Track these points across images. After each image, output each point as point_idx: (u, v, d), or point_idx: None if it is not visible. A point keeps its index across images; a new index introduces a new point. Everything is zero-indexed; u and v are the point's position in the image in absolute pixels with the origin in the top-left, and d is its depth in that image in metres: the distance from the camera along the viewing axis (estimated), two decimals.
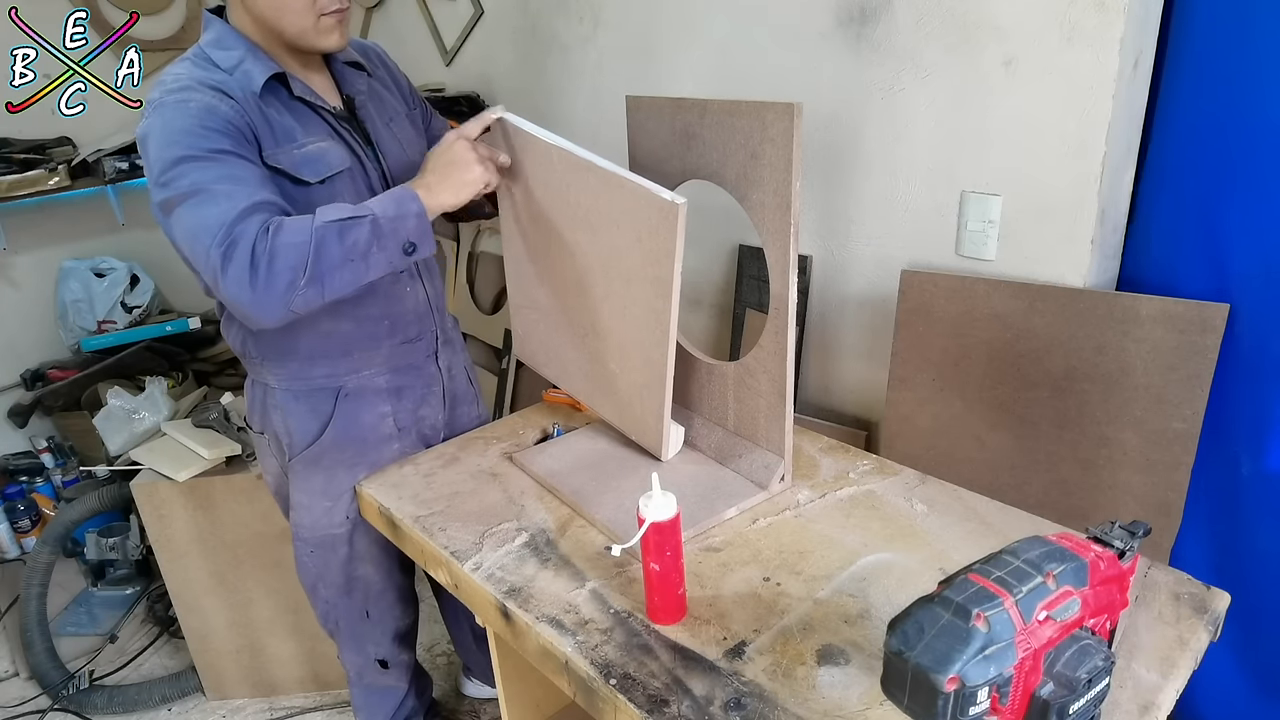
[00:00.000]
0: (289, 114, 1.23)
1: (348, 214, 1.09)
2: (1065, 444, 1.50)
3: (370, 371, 1.38)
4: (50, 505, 2.78)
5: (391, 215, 1.10)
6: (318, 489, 1.41)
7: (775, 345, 1.17)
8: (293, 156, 1.21)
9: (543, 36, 2.33)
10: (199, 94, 1.14)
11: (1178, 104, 1.40)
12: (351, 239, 1.09)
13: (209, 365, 3.00)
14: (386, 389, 1.40)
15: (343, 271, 1.10)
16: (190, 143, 1.10)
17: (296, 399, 1.36)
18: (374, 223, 1.09)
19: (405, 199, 1.12)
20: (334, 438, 1.37)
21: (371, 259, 1.10)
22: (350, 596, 1.53)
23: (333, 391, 1.36)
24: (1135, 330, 1.39)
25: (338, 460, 1.39)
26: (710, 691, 0.89)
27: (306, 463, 1.39)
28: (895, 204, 1.68)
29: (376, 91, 1.37)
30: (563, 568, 1.12)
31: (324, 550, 1.46)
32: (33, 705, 2.14)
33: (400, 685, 1.70)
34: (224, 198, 1.08)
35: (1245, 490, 1.44)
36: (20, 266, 2.80)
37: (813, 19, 1.70)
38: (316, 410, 1.37)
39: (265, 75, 1.19)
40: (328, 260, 1.08)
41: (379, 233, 1.10)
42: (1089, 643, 0.70)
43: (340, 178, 1.26)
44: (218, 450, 1.89)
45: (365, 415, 1.39)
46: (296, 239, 1.07)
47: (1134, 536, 0.77)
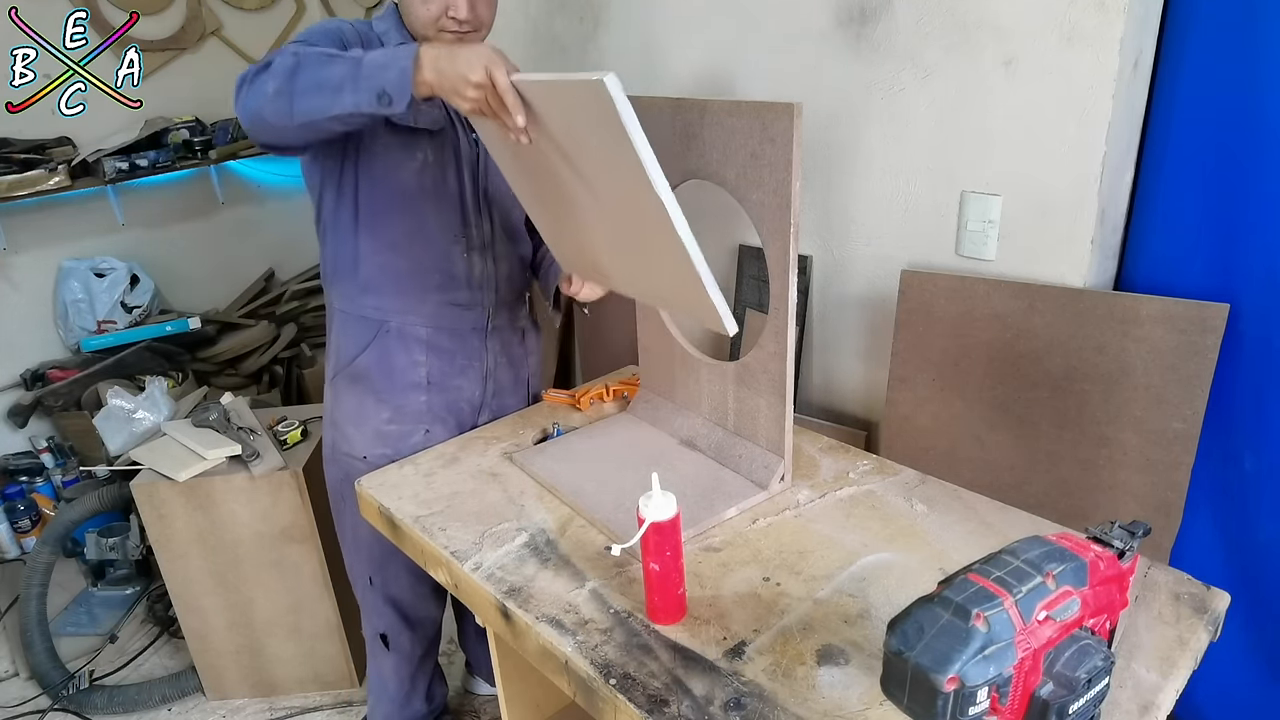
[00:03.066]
0: None
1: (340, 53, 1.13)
2: (1065, 444, 1.50)
3: (414, 318, 1.46)
4: (50, 505, 2.78)
5: (378, 62, 1.09)
6: (348, 411, 1.50)
7: (775, 345, 1.17)
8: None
9: (543, 37, 2.33)
10: (338, 24, 1.30)
11: (1176, 103, 1.40)
12: (331, 70, 1.10)
13: (209, 365, 3.01)
14: (425, 341, 1.47)
15: (312, 97, 1.11)
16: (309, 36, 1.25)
17: (347, 320, 1.48)
18: (357, 64, 1.10)
19: (402, 54, 1.09)
20: (368, 363, 1.47)
21: (343, 94, 1.10)
22: (360, 549, 1.59)
23: (377, 324, 1.46)
24: (1135, 330, 1.39)
25: (368, 389, 1.47)
26: (710, 691, 0.89)
27: (346, 380, 1.49)
28: (895, 204, 1.68)
29: None
30: (563, 568, 1.12)
31: (345, 481, 1.51)
32: (33, 705, 2.14)
33: (407, 675, 1.70)
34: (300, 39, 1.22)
35: (1245, 490, 1.44)
36: (20, 266, 2.80)
37: (813, 19, 1.70)
38: (359, 335, 1.47)
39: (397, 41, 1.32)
40: (302, 81, 1.11)
41: (357, 74, 1.09)
42: (1089, 643, 0.70)
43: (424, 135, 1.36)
44: (218, 450, 1.89)
45: (399, 355, 1.47)
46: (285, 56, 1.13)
47: (1134, 536, 0.77)
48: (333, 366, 1.52)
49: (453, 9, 1.27)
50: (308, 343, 3.24)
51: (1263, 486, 1.41)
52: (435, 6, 1.28)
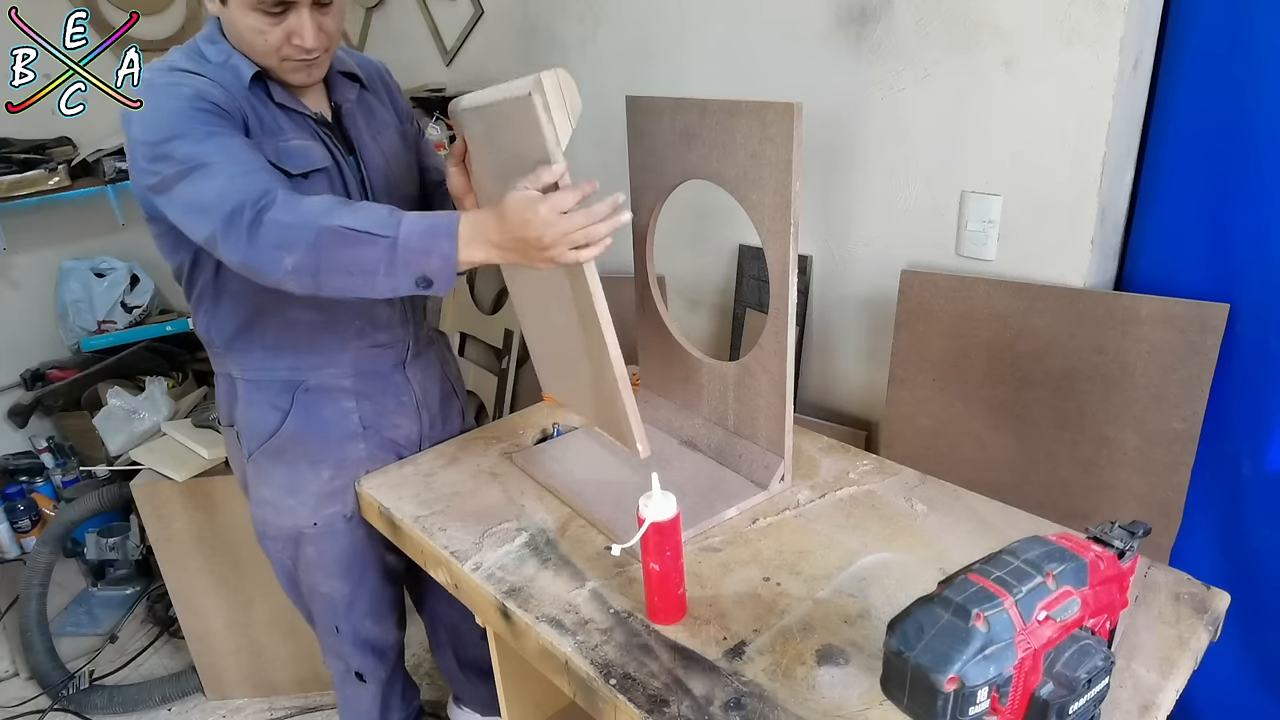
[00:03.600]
0: (273, 112, 1.22)
1: (365, 226, 1.00)
2: (1065, 444, 1.50)
3: (334, 370, 1.34)
4: (50, 505, 2.78)
5: (415, 247, 1.00)
6: (280, 483, 1.37)
7: (775, 345, 1.17)
8: (277, 147, 1.19)
9: (542, 36, 2.33)
10: (190, 79, 1.13)
11: (1176, 103, 1.40)
12: (361, 252, 1.00)
13: (209, 365, 3.00)
14: (351, 389, 1.37)
15: (340, 277, 1.03)
16: (182, 124, 1.08)
17: (258, 389, 1.34)
18: (392, 246, 1.00)
19: (439, 234, 1.00)
20: (294, 429, 1.34)
21: (377, 279, 1.02)
22: (319, 607, 1.50)
23: (293, 385, 1.34)
24: (1135, 330, 1.39)
25: (300, 455, 1.35)
26: (710, 691, 0.89)
27: (269, 455, 1.36)
28: (895, 204, 1.68)
29: (367, 102, 1.35)
30: (563, 568, 1.12)
31: (291, 547, 1.43)
32: (33, 705, 2.14)
33: (379, 697, 1.65)
34: (222, 171, 1.05)
35: (1245, 490, 1.44)
36: (20, 266, 2.80)
37: (813, 19, 1.70)
38: (276, 402, 1.34)
39: (251, 71, 1.18)
40: (328, 260, 1.01)
41: (393, 258, 1.00)
42: (1089, 643, 0.70)
43: (318, 176, 1.24)
44: (218, 450, 1.89)
45: (326, 410, 1.35)
46: (291, 218, 1.01)
47: (1134, 536, 0.77)
48: (248, 443, 1.37)
49: (296, 37, 1.13)
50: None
51: (1261, 488, 1.41)
52: (274, 36, 1.13)
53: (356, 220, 1.01)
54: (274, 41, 1.14)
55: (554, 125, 0.93)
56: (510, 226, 0.98)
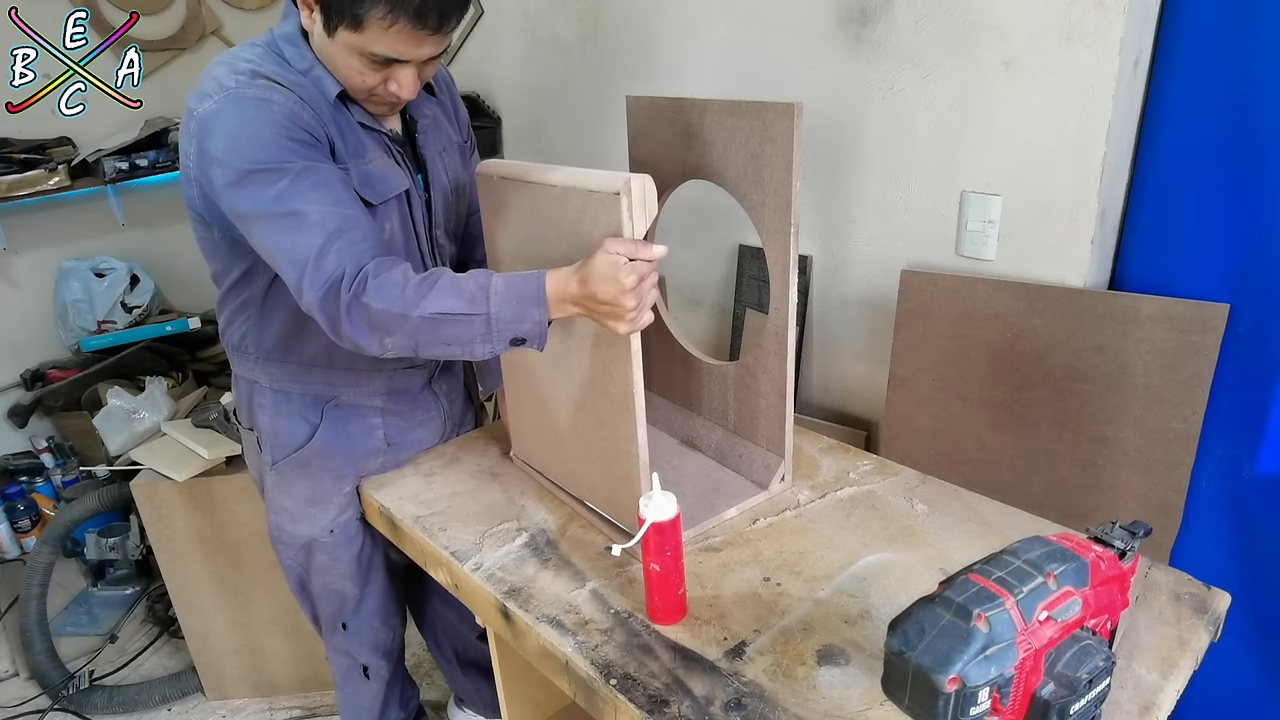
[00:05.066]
0: (356, 132, 1.18)
1: (459, 309, 1.02)
2: (1065, 444, 1.50)
3: (366, 389, 1.35)
4: (50, 505, 2.78)
5: (508, 318, 1.02)
6: (302, 495, 1.37)
7: (775, 345, 1.17)
8: (360, 172, 1.17)
9: (542, 36, 2.33)
10: (280, 95, 1.07)
11: (1173, 102, 1.40)
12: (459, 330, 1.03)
13: (209, 365, 3.00)
14: (380, 407, 1.38)
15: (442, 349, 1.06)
16: (273, 154, 1.05)
17: (287, 400, 1.34)
18: (486, 322, 1.03)
19: (529, 303, 1.01)
20: (322, 444, 1.35)
21: (475, 347, 1.05)
22: (327, 606, 1.50)
23: (323, 399, 1.34)
24: (1135, 330, 1.39)
25: (324, 468, 1.36)
26: (710, 692, 0.89)
27: (293, 466, 1.36)
28: (895, 204, 1.68)
29: (438, 120, 1.33)
30: (563, 568, 1.12)
31: (305, 555, 1.44)
32: (33, 705, 2.13)
33: (381, 695, 1.66)
34: (318, 226, 1.04)
35: (1245, 490, 1.44)
36: (20, 266, 2.80)
37: (813, 19, 1.70)
38: (304, 415, 1.34)
39: (337, 90, 1.13)
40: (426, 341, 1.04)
41: (488, 331, 1.03)
42: (1090, 643, 0.70)
43: (392, 203, 1.22)
44: (218, 450, 1.89)
45: (354, 425, 1.36)
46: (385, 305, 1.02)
47: (1134, 537, 0.77)
48: (271, 451, 1.36)
49: (394, 84, 1.11)
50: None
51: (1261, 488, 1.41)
52: (372, 79, 1.10)
53: (449, 304, 1.02)
54: (370, 83, 1.11)
55: (633, 224, 0.97)
56: (591, 286, 0.98)
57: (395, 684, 1.70)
